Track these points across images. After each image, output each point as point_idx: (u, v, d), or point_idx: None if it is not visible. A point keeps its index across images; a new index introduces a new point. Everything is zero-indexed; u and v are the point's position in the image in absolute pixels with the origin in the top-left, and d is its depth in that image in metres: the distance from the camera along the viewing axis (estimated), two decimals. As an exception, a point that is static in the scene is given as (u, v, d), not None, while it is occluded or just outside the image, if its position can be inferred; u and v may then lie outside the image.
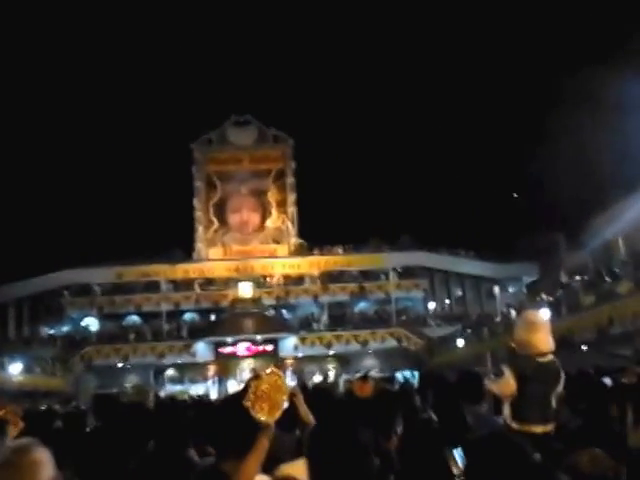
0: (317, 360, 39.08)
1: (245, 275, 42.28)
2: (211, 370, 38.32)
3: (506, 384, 4.67)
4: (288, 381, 2.93)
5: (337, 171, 48.17)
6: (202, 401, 11.21)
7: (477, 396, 4.48)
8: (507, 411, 4.70)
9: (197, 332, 39.78)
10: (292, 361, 38.13)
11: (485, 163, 44.47)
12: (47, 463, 2.21)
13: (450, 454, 3.46)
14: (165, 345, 39.28)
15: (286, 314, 42.77)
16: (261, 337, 38.02)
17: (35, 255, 41.84)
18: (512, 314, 25.94)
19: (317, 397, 4.42)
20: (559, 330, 12.71)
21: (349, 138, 53.28)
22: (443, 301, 45.35)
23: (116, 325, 42.76)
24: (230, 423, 2.58)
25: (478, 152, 45.75)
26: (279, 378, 2.61)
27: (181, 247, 44.77)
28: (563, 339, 14.38)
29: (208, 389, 35.36)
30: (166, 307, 41.79)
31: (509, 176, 39.55)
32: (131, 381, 37.89)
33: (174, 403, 9.57)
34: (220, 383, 37.05)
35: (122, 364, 38.69)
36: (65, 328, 42.59)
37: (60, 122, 50.57)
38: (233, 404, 2.62)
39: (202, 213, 46.29)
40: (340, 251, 44.57)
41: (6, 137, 46.12)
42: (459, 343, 31.74)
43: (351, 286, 43.06)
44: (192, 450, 3.90)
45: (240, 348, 38.24)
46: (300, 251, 44.86)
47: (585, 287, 22.25)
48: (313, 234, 44.12)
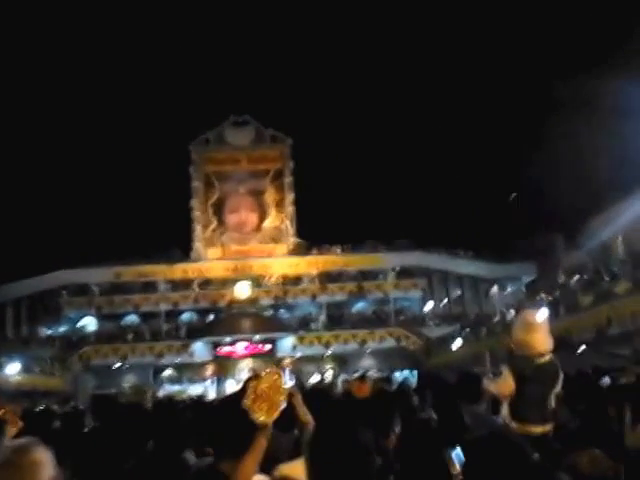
0: (315, 360, 39.05)
1: (243, 275, 42.26)
2: (209, 370, 38.31)
3: (504, 384, 4.67)
4: (286, 381, 2.92)
5: (335, 171, 48.23)
6: (200, 401, 11.21)
7: (475, 396, 4.48)
8: (505, 411, 4.70)
9: (195, 332, 39.77)
10: (290, 361, 38.14)
11: (483, 163, 44.53)
12: (48, 463, 2.21)
13: (448, 454, 3.46)
14: (163, 345, 39.27)
15: (284, 314, 42.75)
16: (259, 337, 38.01)
17: (33, 255, 41.83)
18: (510, 314, 25.94)
19: (315, 397, 4.41)
20: (557, 330, 12.70)
21: (347, 138, 53.35)
22: (441, 301, 45.29)
23: (114, 325, 42.67)
24: (228, 423, 2.58)
25: (476, 152, 45.84)
26: (278, 378, 2.60)
27: (179, 247, 44.74)
28: (561, 339, 14.35)
29: (206, 389, 35.25)
30: (164, 307, 41.74)
31: (507, 176, 39.56)
32: (129, 381, 37.88)
33: (172, 403, 9.57)
34: (218, 383, 37.00)
35: (120, 364, 38.65)
36: (63, 328, 42.54)
37: (58, 122, 50.57)
38: (231, 404, 2.62)
39: (200, 213, 46.22)
40: (338, 251, 44.53)
41: (4, 137, 46.14)
42: (457, 343, 31.71)
43: (349, 286, 43.03)
44: (190, 450, 3.89)
45: (238, 348, 38.22)
46: (298, 251, 44.80)
47: (583, 287, 22.28)
48: (311, 234, 44.14)
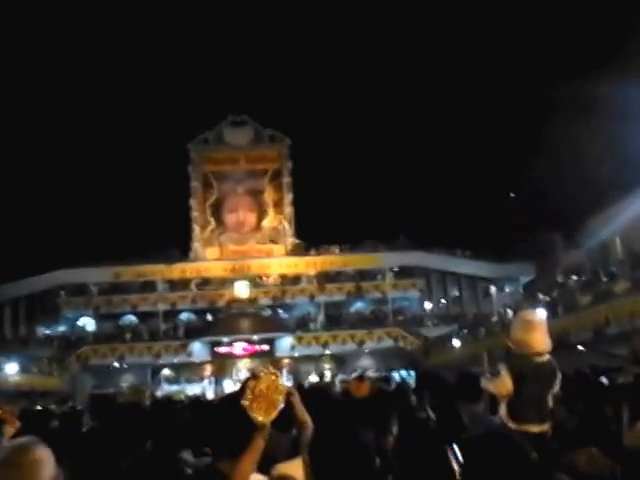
0: (313, 360, 39.08)
1: (241, 275, 42.27)
2: (207, 370, 38.34)
3: (503, 384, 4.67)
4: (284, 381, 2.92)
5: (334, 171, 48.18)
6: (198, 401, 11.20)
7: (474, 396, 4.48)
8: (503, 411, 4.70)
9: (193, 332, 39.78)
10: (288, 361, 38.14)
11: (482, 163, 44.53)
12: (48, 462, 2.20)
13: (447, 453, 3.45)
14: (161, 345, 39.26)
15: (282, 314, 42.76)
16: (257, 337, 38.03)
17: (31, 255, 41.80)
18: (509, 314, 25.97)
19: (313, 397, 4.41)
20: (556, 330, 12.72)
21: (346, 138, 53.24)
22: (439, 301, 45.36)
23: (112, 325, 42.69)
24: (226, 423, 2.58)
25: (475, 152, 45.84)
26: (276, 378, 2.60)
27: (178, 247, 44.77)
28: (560, 339, 14.38)
29: (204, 389, 35.20)
30: (162, 307, 41.70)
31: (506, 176, 39.60)
32: (127, 381, 37.84)
33: (170, 403, 9.57)
34: (216, 383, 37.02)
35: (118, 364, 38.65)
36: (61, 328, 42.58)
37: (57, 122, 50.52)
38: (230, 404, 2.62)
39: (199, 213, 46.24)
40: (337, 251, 44.56)
41: (3, 137, 46.07)
42: (455, 343, 31.74)
43: (347, 286, 43.05)
44: (188, 450, 3.89)
45: (236, 348, 38.23)
46: (296, 251, 44.81)
47: (582, 287, 22.32)
48: (310, 234, 44.16)
